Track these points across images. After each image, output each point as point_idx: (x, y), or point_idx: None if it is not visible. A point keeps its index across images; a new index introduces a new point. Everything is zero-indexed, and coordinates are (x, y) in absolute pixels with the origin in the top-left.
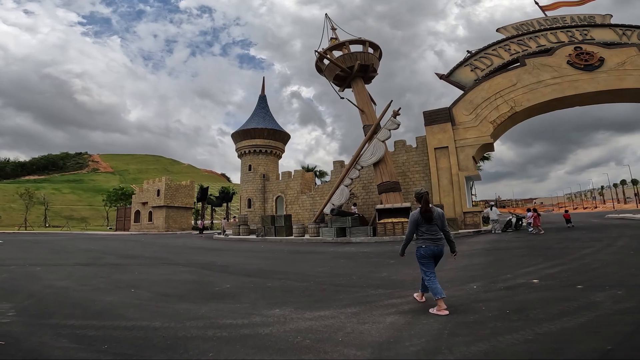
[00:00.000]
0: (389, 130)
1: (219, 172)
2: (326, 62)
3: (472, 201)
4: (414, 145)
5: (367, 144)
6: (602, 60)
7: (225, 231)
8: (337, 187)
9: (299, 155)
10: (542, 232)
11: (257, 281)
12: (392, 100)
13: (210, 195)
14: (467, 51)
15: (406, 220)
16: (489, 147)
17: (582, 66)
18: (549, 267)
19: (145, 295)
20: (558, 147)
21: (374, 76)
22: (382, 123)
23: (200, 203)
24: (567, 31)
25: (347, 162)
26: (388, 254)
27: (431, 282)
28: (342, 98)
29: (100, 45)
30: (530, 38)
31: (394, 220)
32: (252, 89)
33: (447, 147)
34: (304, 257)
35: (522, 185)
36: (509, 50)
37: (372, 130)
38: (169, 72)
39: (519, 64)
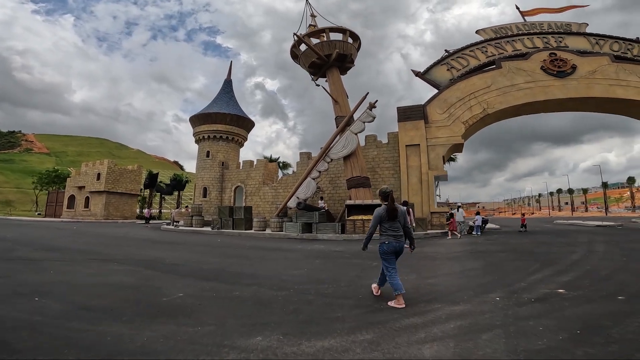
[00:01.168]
0: (364, 122)
1: (172, 160)
2: (302, 48)
3: (437, 202)
4: (385, 141)
5: (338, 136)
6: (574, 68)
7: (175, 221)
8: (304, 180)
9: (257, 147)
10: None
11: (219, 288)
12: (368, 92)
13: (160, 182)
14: (445, 50)
15: None
16: (459, 147)
17: (555, 72)
18: (555, 274)
19: (55, 307)
20: (501, 155)
21: (351, 67)
22: (355, 115)
23: (148, 190)
24: (543, 37)
25: (313, 155)
26: (366, 255)
27: (392, 277)
28: (318, 85)
29: (50, 24)
30: (507, 42)
31: (364, 217)
32: (215, 77)
33: (419, 145)
34: (271, 255)
35: (467, 190)
36: (486, 52)
37: (345, 121)
38: (124, 55)
39: (494, 65)
